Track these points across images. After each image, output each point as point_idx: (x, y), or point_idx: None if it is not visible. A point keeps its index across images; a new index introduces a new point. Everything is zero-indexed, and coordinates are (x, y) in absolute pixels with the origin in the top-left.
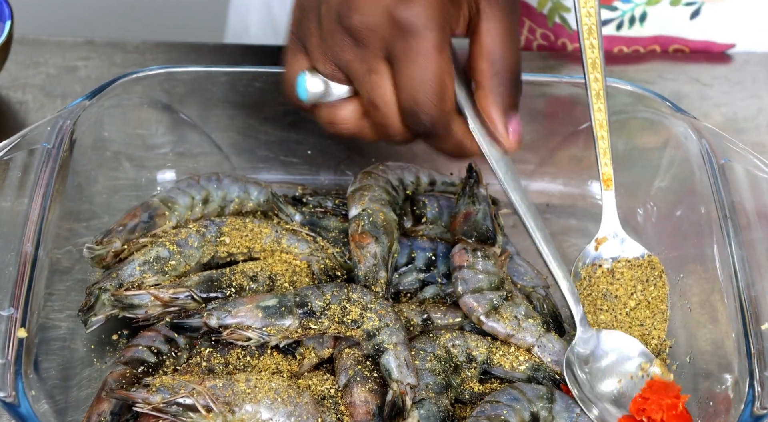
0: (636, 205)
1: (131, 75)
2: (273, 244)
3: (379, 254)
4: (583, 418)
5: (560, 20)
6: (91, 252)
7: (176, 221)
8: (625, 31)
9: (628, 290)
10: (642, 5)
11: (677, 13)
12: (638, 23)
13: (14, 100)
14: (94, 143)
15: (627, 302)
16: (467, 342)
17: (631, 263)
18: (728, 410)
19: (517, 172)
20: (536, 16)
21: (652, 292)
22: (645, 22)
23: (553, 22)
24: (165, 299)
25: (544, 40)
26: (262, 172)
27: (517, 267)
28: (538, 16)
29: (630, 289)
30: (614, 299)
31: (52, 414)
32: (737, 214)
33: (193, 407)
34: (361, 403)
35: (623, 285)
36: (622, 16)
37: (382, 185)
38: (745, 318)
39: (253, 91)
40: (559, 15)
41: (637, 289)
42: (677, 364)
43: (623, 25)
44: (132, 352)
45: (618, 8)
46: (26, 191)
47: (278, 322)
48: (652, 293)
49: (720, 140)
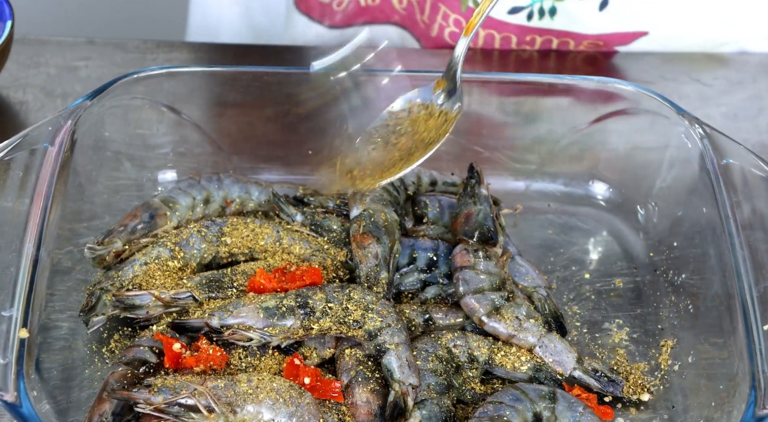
0: (637, 205)
1: (132, 75)
2: (274, 244)
3: (381, 254)
4: (586, 417)
5: (473, 3)
6: (92, 252)
7: (177, 222)
8: (535, 22)
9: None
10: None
11: (585, 6)
12: (548, 16)
13: (15, 101)
14: (95, 143)
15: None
16: (469, 343)
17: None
18: (730, 410)
19: None
20: (451, 0)
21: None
22: (555, 16)
23: (466, 6)
24: (166, 299)
25: (456, 27)
26: (263, 172)
27: (518, 268)
28: (453, 1)
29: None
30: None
31: (54, 415)
32: (739, 214)
33: (195, 407)
34: (363, 403)
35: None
36: (531, 6)
37: (383, 185)
38: (747, 318)
39: (253, 91)
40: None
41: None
42: (679, 364)
43: (533, 16)
44: (133, 352)
45: None
46: (27, 192)
47: (280, 322)
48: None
49: (721, 140)
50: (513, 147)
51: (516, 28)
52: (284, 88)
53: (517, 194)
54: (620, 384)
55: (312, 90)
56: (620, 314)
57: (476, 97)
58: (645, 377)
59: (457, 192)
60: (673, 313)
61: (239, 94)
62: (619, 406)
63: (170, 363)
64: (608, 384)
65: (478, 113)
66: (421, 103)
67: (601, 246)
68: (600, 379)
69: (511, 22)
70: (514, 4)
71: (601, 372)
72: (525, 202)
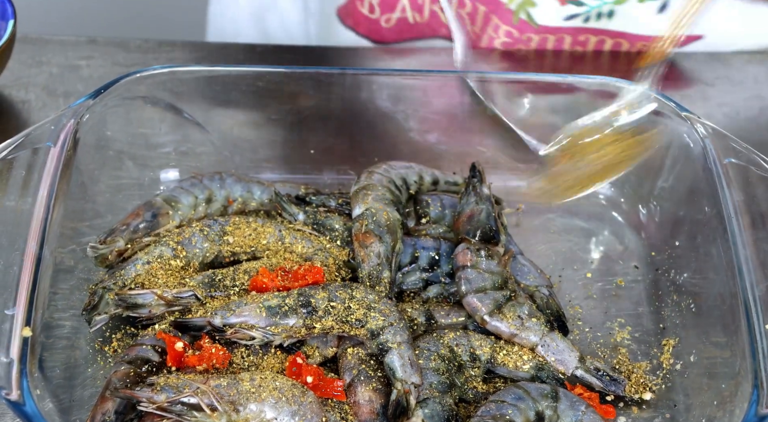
0: (639, 204)
1: (134, 74)
2: (276, 243)
3: (383, 253)
4: (588, 416)
5: (526, 16)
6: (94, 251)
7: (179, 221)
8: (591, 23)
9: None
10: (610, 3)
11: (645, 8)
12: (605, 17)
13: (17, 99)
14: (97, 142)
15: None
16: (471, 342)
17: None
18: (733, 409)
19: None
20: (504, 11)
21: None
22: (612, 17)
23: (518, 18)
24: (168, 298)
25: (508, 37)
26: (265, 171)
27: (520, 266)
28: (505, 12)
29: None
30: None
31: (57, 413)
32: (741, 213)
33: (198, 406)
34: (366, 402)
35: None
36: (589, 11)
37: (385, 185)
38: (749, 317)
39: (256, 91)
40: (525, 11)
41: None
42: (681, 363)
43: (590, 19)
44: (136, 351)
45: (585, 4)
46: (30, 191)
47: (282, 321)
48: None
49: (723, 139)
50: (515, 146)
51: (571, 29)
52: (286, 88)
53: (519, 193)
54: (622, 383)
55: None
56: (622, 313)
57: (478, 96)
58: (647, 376)
59: (459, 191)
60: (675, 312)
61: (241, 94)
62: (621, 405)
63: (173, 362)
64: (610, 383)
65: (480, 112)
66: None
67: (603, 245)
68: (602, 378)
69: (568, 25)
70: (571, 12)
71: (603, 371)
72: (527, 201)
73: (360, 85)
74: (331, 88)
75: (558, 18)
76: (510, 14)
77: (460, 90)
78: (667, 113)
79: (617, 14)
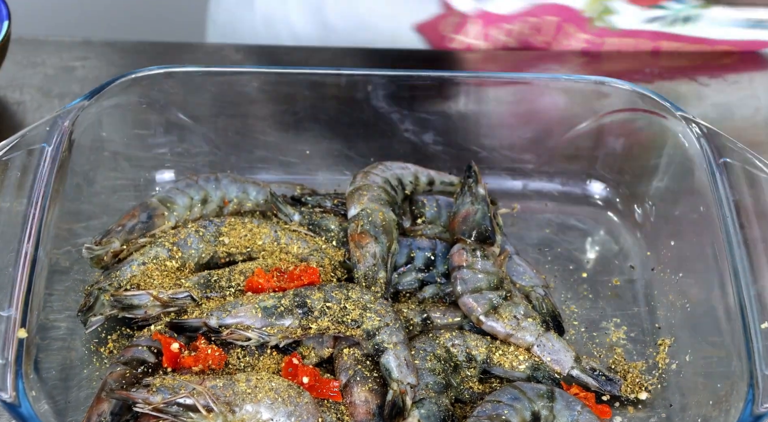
0: (635, 204)
1: (129, 75)
2: (272, 244)
3: (379, 253)
4: (584, 416)
5: (604, 23)
6: (90, 252)
7: (175, 222)
8: (674, 29)
9: None
10: (694, 7)
11: (728, 13)
12: (688, 23)
13: (12, 101)
14: (92, 143)
15: None
16: (467, 342)
17: None
18: (728, 409)
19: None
20: (580, 20)
21: None
22: (694, 22)
23: (596, 26)
24: (164, 299)
25: (586, 44)
26: (261, 172)
27: (516, 267)
28: (581, 21)
29: None
30: None
31: (52, 415)
32: (736, 213)
33: (194, 407)
34: (362, 403)
35: None
36: (675, 14)
37: (381, 185)
38: (744, 316)
39: (250, 91)
40: (603, 19)
41: None
42: (677, 363)
43: (673, 23)
44: (132, 352)
45: (669, 8)
46: (25, 192)
47: (278, 322)
48: None
49: (718, 139)
50: (510, 147)
51: (650, 33)
52: (281, 88)
53: (515, 193)
54: (618, 382)
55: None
56: (618, 313)
57: (473, 97)
58: (643, 376)
59: (454, 192)
60: (670, 312)
61: (236, 94)
62: (617, 405)
63: (169, 363)
64: (606, 382)
65: (475, 112)
66: None
67: (599, 245)
68: (598, 378)
69: (647, 29)
70: (654, 14)
71: (599, 371)
72: (522, 201)
73: (356, 86)
74: (326, 88)
75: (638, 21)
76: (587, 22)
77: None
78: (663, 112)
79: (699, 19)
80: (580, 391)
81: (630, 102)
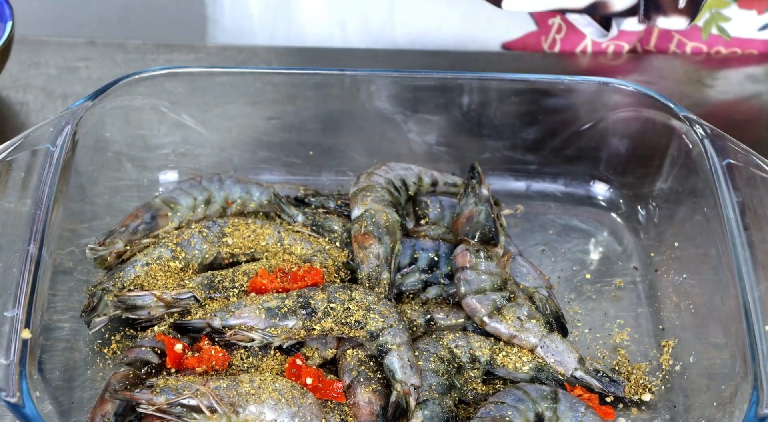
0: (638, 205)
1: (133, 76)
2: (275, 245)
3: (382, 254)
4: (587, 417)
5: (717, 31)
6: (93, 253)
7: (178, 222)
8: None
9: None
10: None
11: None
12: None
13: (15, 101)
14: (96, 143)
15: None
16: (470, 343)
17: None
18: (732, 411)
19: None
20: (688, 30)
21: None
22: None
23: (708, 33)
24: (168, 300)
25: (695, 53)
26: (264, 172)
27: (519, 268)
28: (690, 31)
29: None
30: None
31: (56, 415)
32: (740, 214)
33: (197, 408)
34: (365, 404)
35: None
36: None
37: (384, 186)
38: (748, 318)
39: (254, 92)
40: (717, 25)
41: None
42: (681, 364)
43: None
44: (135, 353)
45: None
46: (29, 192)
47: (281, 323)
48: None
49: (722, 140)
50: (514, 147)
51: (762, 44)
52: (285, 89)
53: (518, 194)
54: (622, 384)
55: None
56: (621, 314)
57: (477, 98)
58: (646, 377)
59: (458, 193)
60: (674, 313)
61: (240, 95)
62: (621, 406)
63: (172, 364)
64: (610, 384)
65: (478, 113)
66: None
67: (602, 246)
68: (601, 379)
69: (759, 38)
70: (765, 21)
71: (603, 372)
72: (526, 202)
73: (359, 86)
74: (329, 89)
75: (752, 29)
76: (697, 31)
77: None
78: (667, 114)
79: None
80: (583, 392)
81: (634, 103)
